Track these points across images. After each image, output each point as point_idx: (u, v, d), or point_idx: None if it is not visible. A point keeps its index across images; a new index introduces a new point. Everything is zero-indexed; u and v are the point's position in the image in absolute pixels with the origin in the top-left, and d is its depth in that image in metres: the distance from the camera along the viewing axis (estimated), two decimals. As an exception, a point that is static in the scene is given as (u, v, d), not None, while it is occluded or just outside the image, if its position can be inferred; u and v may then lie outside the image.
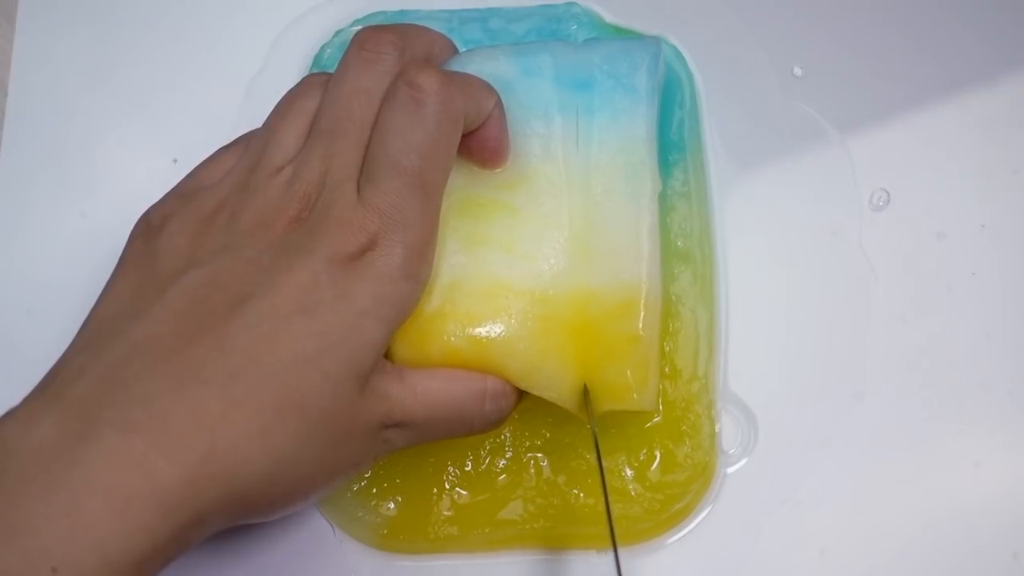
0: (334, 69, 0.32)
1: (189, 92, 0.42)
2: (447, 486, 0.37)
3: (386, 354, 0.31)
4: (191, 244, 0.30)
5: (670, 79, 0.41)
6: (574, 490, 0.36)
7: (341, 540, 0.37)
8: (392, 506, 0.36)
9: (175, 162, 0.41)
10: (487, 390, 0.32)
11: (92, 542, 0.25)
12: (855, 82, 0.41)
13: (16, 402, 0.27)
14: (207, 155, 0.34)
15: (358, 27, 0.40)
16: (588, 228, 0.33)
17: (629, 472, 0.36)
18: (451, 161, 0.32)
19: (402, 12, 0.43)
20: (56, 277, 0.39)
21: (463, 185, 0.33)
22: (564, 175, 0.34)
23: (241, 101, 0.42)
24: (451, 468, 0.37)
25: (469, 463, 0.37)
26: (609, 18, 0.42)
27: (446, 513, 0.36)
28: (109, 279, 0.31)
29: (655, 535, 0.37)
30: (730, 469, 0.37)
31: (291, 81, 0.34)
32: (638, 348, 0.33)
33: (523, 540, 0.36)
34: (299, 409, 0.28)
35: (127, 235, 0.32)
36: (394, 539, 0.36)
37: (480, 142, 0.33)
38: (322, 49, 0.42)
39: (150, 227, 0.31)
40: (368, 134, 0.31)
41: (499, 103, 0.33)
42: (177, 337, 0.28)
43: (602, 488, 0.34)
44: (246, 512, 0.28)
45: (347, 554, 0.37)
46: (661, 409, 0.37)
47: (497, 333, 0.32)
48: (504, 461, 0.37)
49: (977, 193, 0.40)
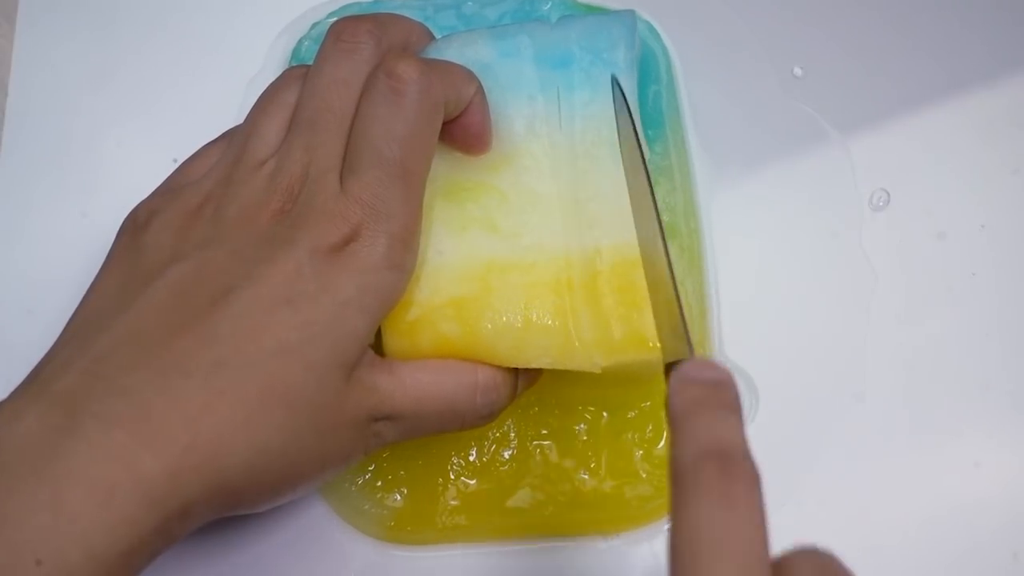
0: (312, 61, 0.32)
1: (189, 92, 0.42)
2: (452, 476, 0.36)
3: (378, 349, 0.31)
4: (176, 239, 0.30)
5: (644, 54, 0.41)
6: (582, 474, 0.36)
7: (347, 534, 0.37)
8: (398, 498, 0.36)
9: (175, 162, 0.40)
10: (478, 383, 0.32)
11: (76, 534, 0.25)
12: (855, 82, 0.41)
13: (9, 400, 0.28)
14: (205, 155, 0.34)
15: (334, 19, 0.40)
16: (577, 196, 0.33)
17: (639, 453, 0.36)
18: (432, 149, 0.32)
19: (376, 2, 0.43)
20: (56, 277, 0.39)
21: (447, 171, 0.33)
22: (549, 152, 0.34)
23: (241, 101, 0.42)
24: (455, 458, 0.36)
25: (473, 453, 0.36)
26: (581, -4, 0.42)
27: (453, 503, 0.36)
28: (96, 275, 0.31)
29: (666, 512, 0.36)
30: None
31: (291, 80, 0.34)
32: (647, 298, 0.32)
33: (532, 529, 0.36)
34: (283, 399, 0.28)
35: (125, 234, 0.32)
36: (401, 531, 0.36)
37: (463, 129, 0.33)
38: (299, 42, 0.42)
39: (136, 223, 0.32)
40: (348, 125, 0.31)
41: (480, 89, 0.33)
42: (161, 330, 0.28)
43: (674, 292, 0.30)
44: (232, 503, 0.28)
45: (356, 547, 0.36)
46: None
47: (483, 313, 0.32)
48: (509, 451, 0.37)
49: (977, 193, 0.40)
